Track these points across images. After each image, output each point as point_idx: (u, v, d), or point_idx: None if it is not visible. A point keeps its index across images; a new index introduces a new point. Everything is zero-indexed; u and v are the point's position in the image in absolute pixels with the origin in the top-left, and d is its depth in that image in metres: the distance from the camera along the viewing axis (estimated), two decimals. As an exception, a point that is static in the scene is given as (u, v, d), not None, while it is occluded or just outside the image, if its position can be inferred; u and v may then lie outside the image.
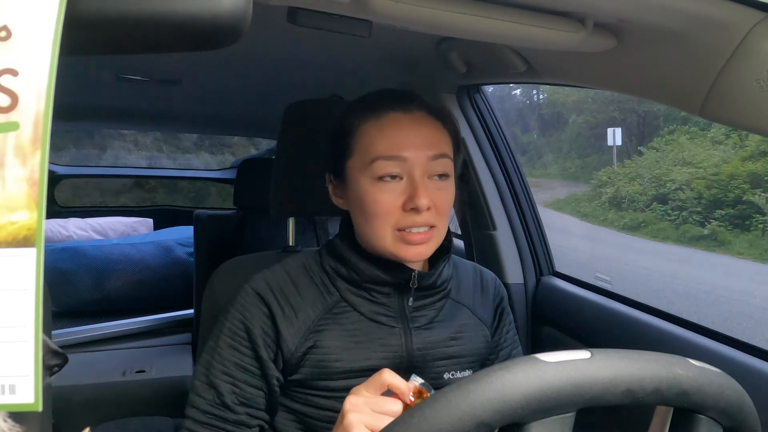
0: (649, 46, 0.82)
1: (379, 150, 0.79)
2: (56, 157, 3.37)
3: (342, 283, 0.86)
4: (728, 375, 0.51)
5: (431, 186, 0.81)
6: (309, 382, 0.83)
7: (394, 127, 0.81)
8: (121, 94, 1.95)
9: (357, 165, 0.82)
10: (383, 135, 0.80)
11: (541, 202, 7.72)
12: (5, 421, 0.38)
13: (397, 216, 0.80)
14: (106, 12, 0.34)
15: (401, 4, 0.73)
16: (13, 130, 0.30)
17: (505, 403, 0.44)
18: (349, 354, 0.82)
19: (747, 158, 6.33)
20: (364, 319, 0.85)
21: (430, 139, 0.81)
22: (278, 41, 1.29)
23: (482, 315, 0.95)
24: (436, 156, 0.80)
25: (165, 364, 2.01)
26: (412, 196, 0.78)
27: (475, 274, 0.99)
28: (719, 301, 4.86)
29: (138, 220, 3.15)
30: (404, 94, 0.85)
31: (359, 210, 0.83)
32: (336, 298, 0.86)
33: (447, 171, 0.83)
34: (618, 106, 9.29)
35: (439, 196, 0.81)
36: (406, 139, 0.80)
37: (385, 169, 0.79)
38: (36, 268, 0.31)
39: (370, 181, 0.80)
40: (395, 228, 0.80)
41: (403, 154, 0.79)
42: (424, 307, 0.88)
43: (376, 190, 0.80)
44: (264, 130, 3.01)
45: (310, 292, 0.85)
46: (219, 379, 0.81)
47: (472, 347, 0.91)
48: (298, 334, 0.82)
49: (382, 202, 0.79)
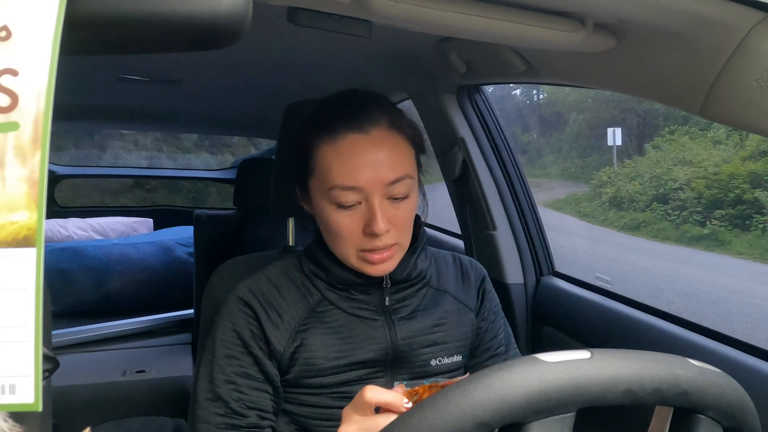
0: (649, 46, 0.82)
1: (336, 178, 0.79)
2: (56, 157, 3.37)
3: (321, 284, 0.88)
4: (728, 375, 0.51)
5: (389, 207, 0.80)
6: (299, 380, 0.84)
7: (351, 152, 0.78)
8: (121, 94, 1.95)
9: (317, 186, 0.83)
10: (340, 161, 0.79)
11: (541, 202, 7.72)
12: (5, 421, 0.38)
13: (357, 239, 0.81)
14: (106, 12, 0.34)
15: (401, 4, 0.73)
16: (13, 130, 0.30)
17: (505, 403, 0.44)
18: (336, 350, 0.84)
19: (747, 158, 6.33)
20: (346, 315, 0.87)
21: (389, 162, 0.79)
22: (278, 41, 1.29)
23: (466, 300, 0.96)
24: (394, 181, 0.79)
25: (165, 364, 2.01)
26: (370, 222, 0.79)
27: (454, 263, 1.00)
28: (719, 301, 4.86)
29: (138, 220, 3.15)
30: (359, 110, 0.81)
31: (323, 227, 0.85)
32: (317, 297, 0.88)
33: (407, 192, 0.81)
34: (618, 105, 9.29)
35: (398, 216, 0.81)
36: (364, 166, 0.78)
37: (342, 197, 0.79)
38: (36, 268, 0.31)
39: (330, 205, 0.81)
40: (357, 249, 0.82)
41: (360, 184, 0.78)
42: (406, 299, 0.90)
43: (335, 215, 0.81)
44: (264, 130, 3.01)
45: (291, 294, 0.87)
46: (223, 390, 0.82)
47: (458, 332, 0.93)
48: (285, 336, 0.84)
49: (343, 227, 0.81)
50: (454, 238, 1.97)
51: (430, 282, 0.94)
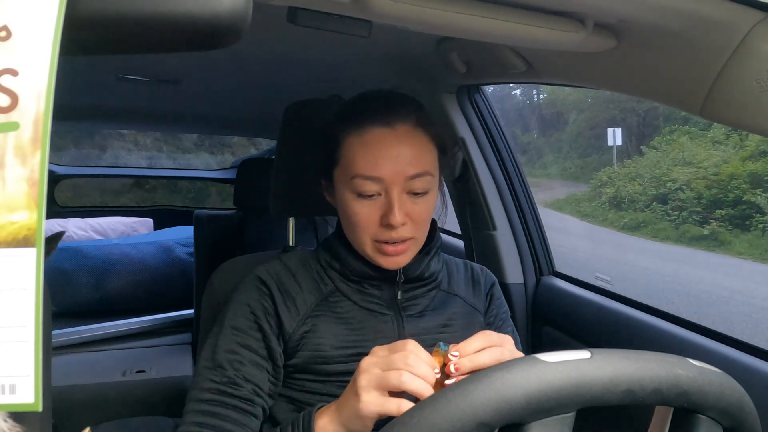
0: (649, 46, 0.82)
1: (359, 168, 0.82)
2: (56, 157, 3.37)
3: (335, 274, 0.91)
4: (728, 375, 0.51)
5: (408, 202, 0.83)
6: (306, 366, 0.85)
7: (376, 144, 0.82)
8: (121, 94, 1.95)
9: (340, 176, 0.86)
10: (365, 152, 0.82)
11: (541, 202, 7.73)
12: (5, 421, 0.38)
13: (374, 229, 0.84)
14: (106, 12, 0.34)
15: (401, 4, 0.73)
16: (13, 130, 0.30)
17: (505, 403, 0.44)
18: (344, 339, 0.86)
19: (747, 158, 6.33)
20: (357, 307, 0.89)
21: (412, 158, 0.82)
22: (278, 41, 1.29)
23: (475, 303, 0.98)
24: (415, 176, 0.82)
25: (165, 364, 2.01)
26: (387, 213, 0.82)
27: (465, 269, 1.03)
28: (719, 301, 4.86)
29: (138, 220, 3.15)
30: (389, 104, 0.85)
31: (343, 216, 0.88)
32: (330, 288, 0.90)
33: (426, 188, 0.84)
34: (618, 105, 9.29)
35: (416, 210, 0.84)
36: (386, 159, 0.81)
37: (363, 187, 0.82)
38: (36, 268, 0.31)
39: (351, 194, 0.84)
40: (373, 239, 0.85)
41: (382, 175, 0.81)
42: (416, 297, 0.92)
43: (355, 203, 0.84)
44: (264, 130, 3.01)
45: (306, 281, 0.90)
46: (223, 357, 0.83)
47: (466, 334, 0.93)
48: (296, 318, 0.86)
49: (361, 216, 0.84)
50: (453, 238, 1.97)
51: (441, 285, 0.96)
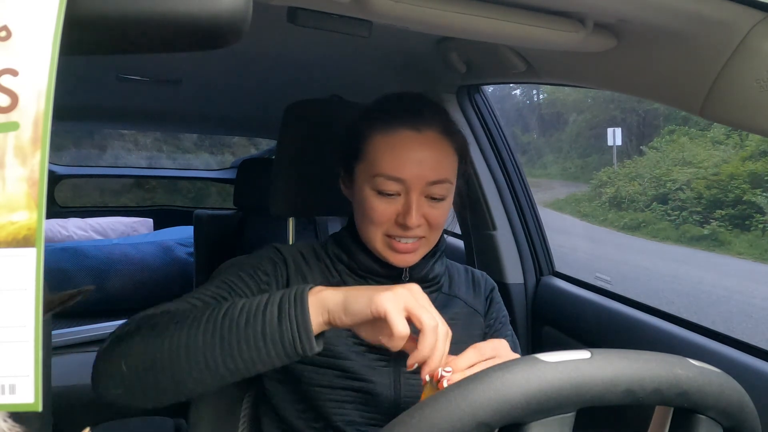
0: (649, 46, 0.82)
1: (383, 167, 0.83)
2: (56, 157, 3.37)
3: (342, 268, 0.92)
4: (728, 375, 0.51)
5: (425, 205, 0.84)
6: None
7: (402, 147, 0.83)
8: (121, 94, 1.95)
9: (362, 172, 0.86)
10: (390, 153, 0.83)
11: (541, 202, 7.72)
12: (5, 421, 0.38)
13: (388, 225, 0.85)
14: (106, 12, 0.34)
15: (401, 4, 0.73)
16: (13, 130, 0.30)
17: (505, 403, 0.44)
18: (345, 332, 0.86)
19: (747, 158, 6.33)
20: None
21: (435, 164, 0.83)
22: (278, 41, 1.29)
23: (475, 305, 0.99)
24: (436, 181, 0.83)
25: (165, 364, 2.00)
26: (404, 213, 0.83)
27: (466, 273, 1.03)
28: (719, 301, 4.86)
29: (138, 220, 3.15)
30: (418, 109, 0.85)
31: (358, 209, 0.89)
32: (337, 280, 0.92)
33: (444, 194, 0.85)
34: (618, 105, 9.29)
35: (432, 214, 0.85)
36: (411, 162, 0.82)
37: (384, 186, 0.83)
38: (36, 268, 0.31)
39: (371, 190, 0.85)
40: (385, 234, 0.86)
41: (404, 177, 0.82)
42: None
43: (374, 200, 0.85)
44: (264, 130, 3.01)
45: (315, 269, 0.92)
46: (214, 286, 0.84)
47: (466, 334, 0.94)
48: None
49: (378, 212, 0.84)
50: (454, 239, 1.96)
51: (442, 288, 0.97)
